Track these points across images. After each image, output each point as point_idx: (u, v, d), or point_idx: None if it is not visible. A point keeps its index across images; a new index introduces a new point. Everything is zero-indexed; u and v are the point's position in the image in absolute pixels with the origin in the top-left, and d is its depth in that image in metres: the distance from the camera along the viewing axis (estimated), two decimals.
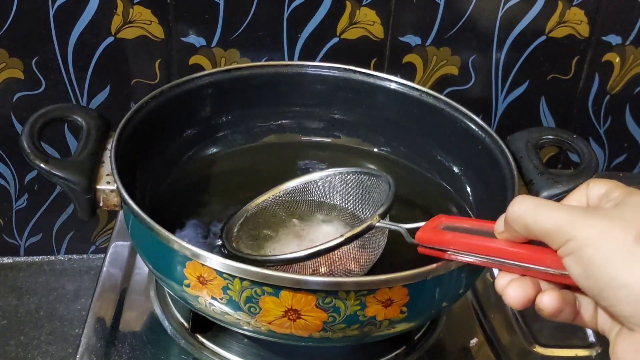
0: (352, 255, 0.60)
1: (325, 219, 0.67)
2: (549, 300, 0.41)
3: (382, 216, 0.58)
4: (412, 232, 0.54)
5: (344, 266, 0.59)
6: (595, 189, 0.41)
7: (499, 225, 0.44)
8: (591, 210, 0.39)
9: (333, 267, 0.59)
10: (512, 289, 0.42)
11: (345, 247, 0.57)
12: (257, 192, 0.68)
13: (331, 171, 0.67)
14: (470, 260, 0.49)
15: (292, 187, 0.68)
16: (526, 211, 0.40)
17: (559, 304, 0.41)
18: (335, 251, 0.57)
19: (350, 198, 0.67)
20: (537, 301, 0.42)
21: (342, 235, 0.56)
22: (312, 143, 0.80)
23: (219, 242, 0.65)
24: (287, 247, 0.63)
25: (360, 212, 0.67)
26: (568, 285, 0.42)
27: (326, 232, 0.65)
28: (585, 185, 0.42)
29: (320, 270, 0.59)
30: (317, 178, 0.68)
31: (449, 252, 0.50)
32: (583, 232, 0.37)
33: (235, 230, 0.66)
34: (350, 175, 0.67)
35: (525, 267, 0.44)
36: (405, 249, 0.55)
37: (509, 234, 0.43)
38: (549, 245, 0.40)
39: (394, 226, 0.57)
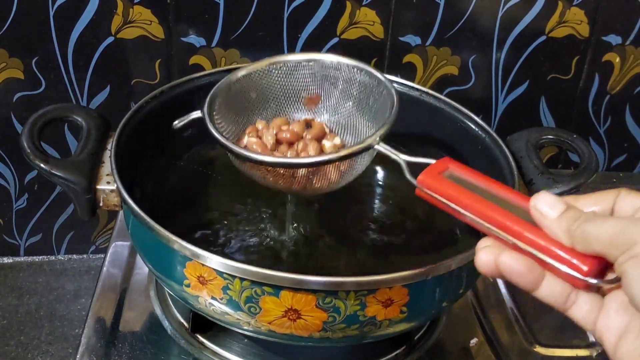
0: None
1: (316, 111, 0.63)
2: (508, 260, 0.39)
3: (383, 138, 0.54)
4: (411, 170, 0.51)
5: (323, 175, 0.56)
6: (629, 200, 0.39)
7: (549, 205, 0.39)
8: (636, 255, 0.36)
9: (311, 174, 0.56)
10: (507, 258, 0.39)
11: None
12: (257, 192, 0.68)
13: (336, 59, 0.62)
14: (468, 220, 0.45)
15: (294, 60, 0.63)
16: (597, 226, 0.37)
17: (520, 267, 0.39)
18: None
19: (345, 98, 0.63)
20: (497, 260, 0.39)
21: (338, 152, 0.54)
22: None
23: (198, 115, 0.60)
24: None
25: (353, 118, 0.63)
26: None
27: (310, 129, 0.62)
28: (615, 193, 0.39)
29: (299, 173, 0.56)
30: (319, 59, 0.63)
31: (449, 205, 0.46)
32: (633, 275, 0.34)
33: (217, 105, 0.61)
34: (355, 72, 0.62)
35: (529, 251, 0.39)
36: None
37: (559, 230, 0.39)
38: (606, 254, 0.36)
39: (393, 154, 0.54)
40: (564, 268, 0.38)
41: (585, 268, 0.37)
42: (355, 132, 0.63)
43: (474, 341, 0.70)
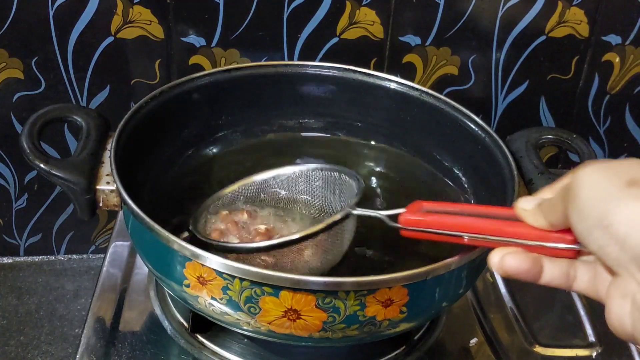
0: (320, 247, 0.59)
1: (295, 213, 0.66)
2: (512, 260, 0.43)
3: (357, 205, 0.58)
4: (391, 218, 0.54)
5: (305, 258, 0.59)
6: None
7: (528, 204, 0.45)
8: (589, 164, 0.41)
9: (296, 259, 0.58)
10: (511, 259, 0.44)
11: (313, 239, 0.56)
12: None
13: (298, 168, 0.66)
14: (458, 239, 0.49)
15: (261, 179, 0.67)
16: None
17: (523, 265, 0.43)
18: (306, 241, 0.57)
19: (316, 192, 0.66)
20: (501, 261, 0.44)
21: (322, 223, 0.56)
22: (312, 143, 0.80)
23: (187, 233, 0.63)
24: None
25: (327, 206, 0.66)
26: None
27: (294, 225, 0.65)
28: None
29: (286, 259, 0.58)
30: (285, 173, 0.67)
31: (435, 233, 0.50)
32: (581, 175, 0.39)
33: (203, 219, 0.64)
34: (318, 172, 0.66)
35: (515, 242, 0.45)
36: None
37: (544, 220, 0.44)
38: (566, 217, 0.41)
39: (373, 213, 0.57)
40: (559, 245, 0.43)
41: (569, 237, 0.42)
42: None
43: (473, 341, 0.70)
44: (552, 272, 0.43)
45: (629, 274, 0.37)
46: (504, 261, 0.43)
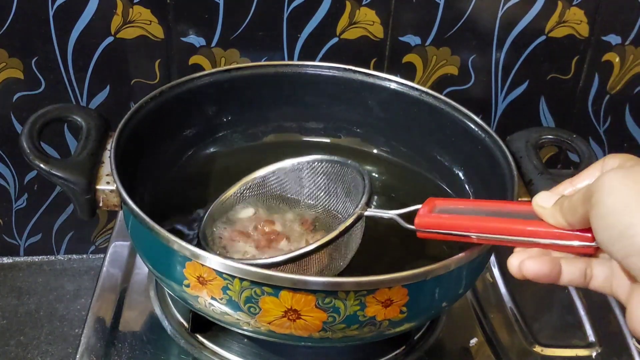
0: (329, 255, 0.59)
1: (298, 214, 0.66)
2: (531, 265, 0.43)
3: (368, 205, 0.58)
4: (404, 217, 0.55)
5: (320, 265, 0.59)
6: (610, 162, 0.43)
7: (546, 202, 0.45)
8: (612, 169, 0.41)
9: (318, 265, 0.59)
10: (530, 264, 0.43)
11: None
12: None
13: (301, 159, 0.66)
14: (474, 239, 0.49)
15: (263, 174, 0.67)
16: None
17: (543, 268, 0.43)
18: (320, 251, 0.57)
19: (320, 190, 0.67)
20: (521, 266, 0.43)
21: (335, 230, 0.56)
22: (312, 143, 0.80)
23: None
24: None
25: (333, 206, 0.66)
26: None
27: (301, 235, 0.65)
28: (601, 162, 0.44)
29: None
30: (286, 166, 0.67)
31: (451, 234, 0.50)
32: (604, 181, 0.38)
33: (208, 230, 0.65)
34: (321, 163, 0.66)
35: (534, 242, 0.44)
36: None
37: (563, 219, 0.44)
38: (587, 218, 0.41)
39: (385, 214, 0.57)
40: (576, 243, 0.43)
41: (589, 235, 0.42)
42: (336, 214, 0.66)
43: (473, 341, 0.70)
44: (571, 273, 0.43)
45: None
46: (524, 266, 0.43)
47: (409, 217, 0.54)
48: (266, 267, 0.55)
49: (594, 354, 0.70)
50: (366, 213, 0.58)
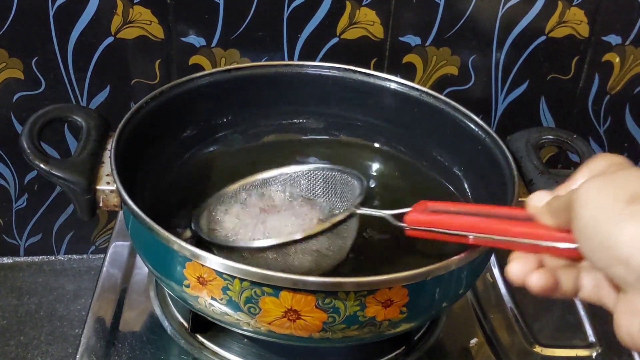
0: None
1: (295, 211, 0.66)
2: (538, 279, 0.42)
3: (361, 205, 0.58)
4: (396, 218, 0.55)
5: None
6: (597, 165, 0.42)
7: (539, 200, 0.45)
8: (594, 176, 0.40)
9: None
10: (536, 278, 0.43)
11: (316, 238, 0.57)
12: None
13: (300, 168, 0.67)
14: (462, 239, 0.49)
15: (263, 177, 0.67)
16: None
17: (548, 282, 0.42)
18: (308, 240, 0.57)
19: (318, 192, 0.67)
20: (527, 281, 0.43)
21: (327, 222, 0.56)
22: (312, 142, 0.80)
23: (190, 232, 0.63)
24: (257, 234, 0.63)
25: (330, 205, 0.66)
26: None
27: (295, 222, 0.65)
28: (589, 163, 0.43)
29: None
30: (287, 172, 0.67)
31: (439, 232, 0.50)
32: (581, 193, 0.38)
33: (204, 218, 0.64)
34: (322, 171, 0.66)
35: (521, 242, 0.44)
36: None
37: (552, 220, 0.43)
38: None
39: (377, 212, 0.58)
40: (564, 245, 0.42)
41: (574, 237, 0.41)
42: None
43: (473, 341, 0.70)
44: (567, 283, 0.43)
45: (636, 292, 0.36)
46: (530, 280, 0.42)
47: (402, 217, 0.54)
48: (253, 251, 0.56)
49: (594, 354, 0.70)
50: (358, 211, 0.58)
